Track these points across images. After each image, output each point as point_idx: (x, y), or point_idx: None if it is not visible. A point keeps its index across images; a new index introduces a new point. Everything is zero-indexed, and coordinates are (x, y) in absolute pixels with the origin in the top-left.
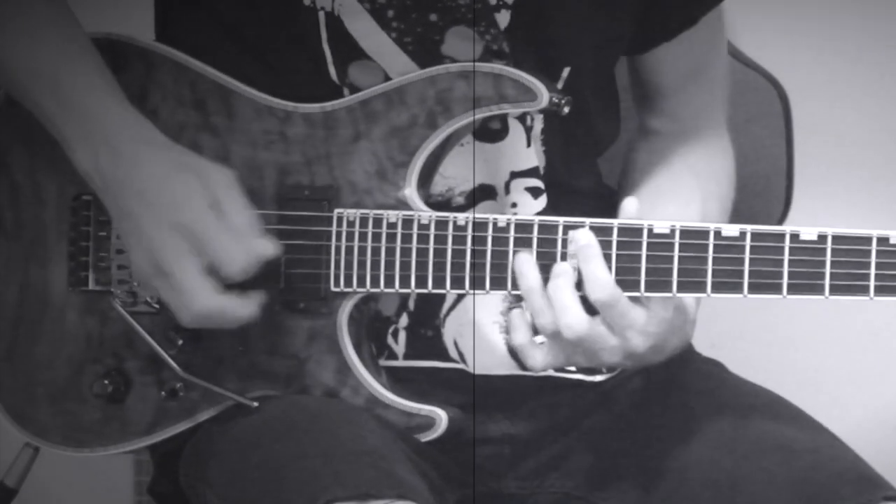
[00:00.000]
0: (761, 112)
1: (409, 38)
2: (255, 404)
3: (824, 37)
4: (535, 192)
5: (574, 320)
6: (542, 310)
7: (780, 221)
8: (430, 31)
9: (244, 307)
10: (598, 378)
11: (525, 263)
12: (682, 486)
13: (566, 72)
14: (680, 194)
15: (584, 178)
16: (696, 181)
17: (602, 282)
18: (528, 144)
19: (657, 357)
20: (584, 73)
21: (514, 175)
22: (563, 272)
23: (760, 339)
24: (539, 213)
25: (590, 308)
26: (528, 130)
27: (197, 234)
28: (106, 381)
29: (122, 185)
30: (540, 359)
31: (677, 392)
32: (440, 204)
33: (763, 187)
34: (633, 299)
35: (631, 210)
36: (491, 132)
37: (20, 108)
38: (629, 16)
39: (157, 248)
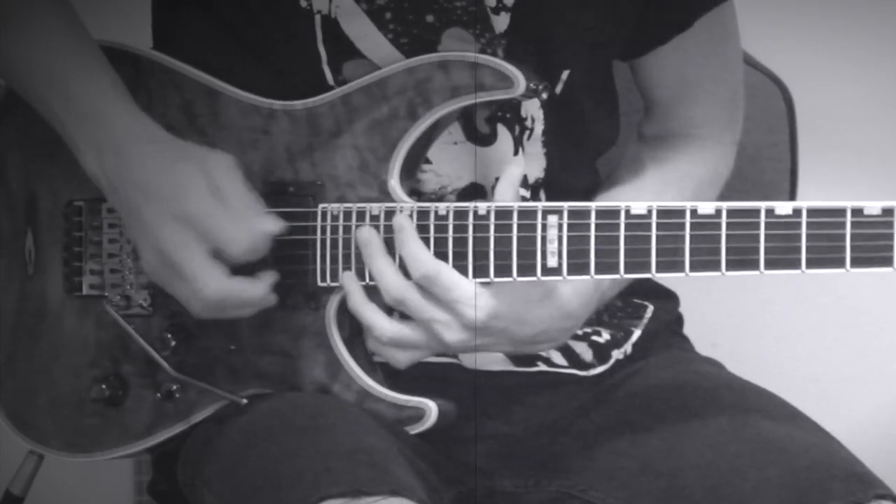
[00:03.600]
0: (765, 113)
1: (405, 39)
2: (245, 401)
3: (828, 37)
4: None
5: (388, 282)
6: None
7: None
8: (426, 33)
9: (255, 288)
10: (592, 372)
11: (348, 284)
12: (678, 485)
13: (565, 74)
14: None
15: (582, 178)
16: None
17: (419, 259)
18: (516, 153)
19: (526, 331)
20: (582, 75)
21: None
22: (366, 242)
23: (760, 339)
24: None
25: None
26: (519, 138)
27: (199, 222)
28: (103, 386)
29: (127, 183)
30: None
31: (675, 391)
32: (433, 202)
33: (767, 188)
34: (463, 274)
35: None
36: (481, 136)
37: (14, 116)
38: (627, 17)
39: (161, 241)
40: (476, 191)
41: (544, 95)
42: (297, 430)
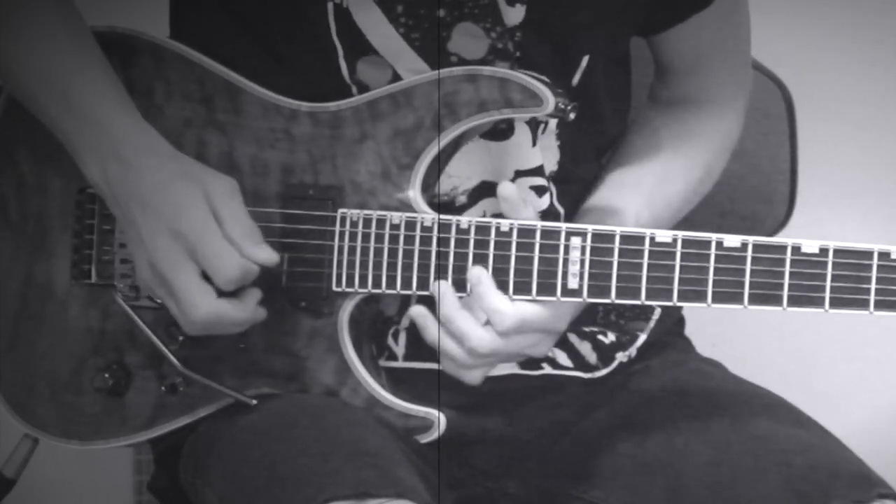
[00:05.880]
0: (765, 113)
1: (416, 33)
2: (254, 402)
3: (829, 38)
4: (539, 191)
5: (477, 343)
6: (451, 337)
7: (784, 223)
8: (437, 28)
9: (241, 310)
10: (596, 375)
11: (444, 291)
12: (681, 485)
13: (585, 60)
14: (629, 189)
15: (590, 171)
16: (659, 167)
17: (502, 313)
18: (534, 144)
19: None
20: (601, 60)
21: (519, 174)
22: (477, 280)
23: (761, 339)
24: (543, 212)
25: None
26: (535, 130)
27: (193, 242)
28: (106, 375)
29: (128, 194)
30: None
31: (677, 392)
32: (444, 203)
33: (767, 188)
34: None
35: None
36: (497, 131)
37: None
38: None
39: (156, 255)
40: (488, 189)
41: (572, 116)
42: (301, 431)
